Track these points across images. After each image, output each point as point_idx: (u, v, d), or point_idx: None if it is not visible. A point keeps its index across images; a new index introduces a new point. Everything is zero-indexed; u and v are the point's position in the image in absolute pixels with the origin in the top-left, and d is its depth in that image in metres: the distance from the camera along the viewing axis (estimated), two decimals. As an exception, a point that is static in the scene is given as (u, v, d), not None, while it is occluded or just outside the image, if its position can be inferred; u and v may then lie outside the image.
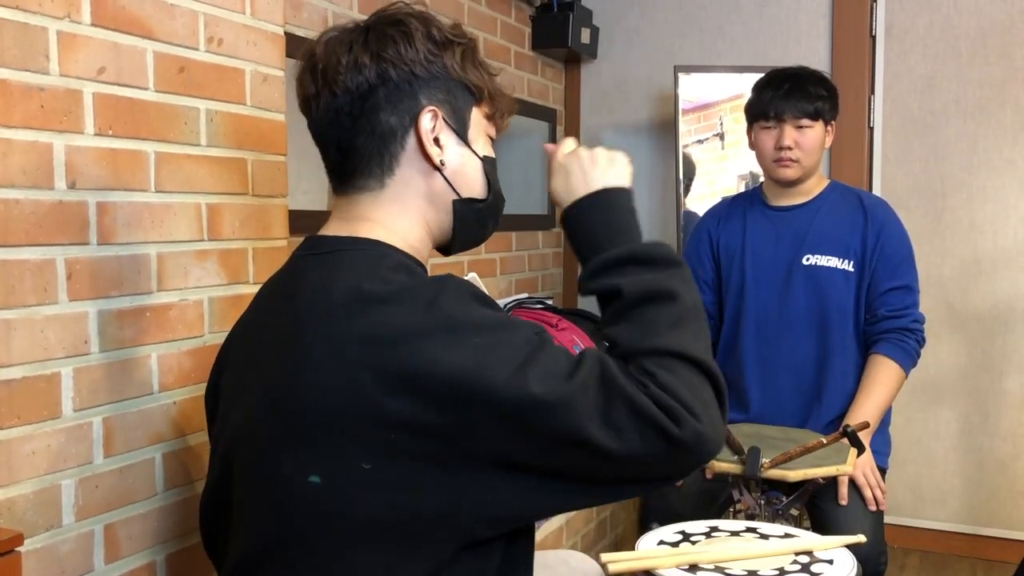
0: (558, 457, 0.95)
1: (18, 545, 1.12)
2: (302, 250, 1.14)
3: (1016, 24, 3.09)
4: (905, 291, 2.16)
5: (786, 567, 1.45)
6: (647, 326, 1.03)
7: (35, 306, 1.28)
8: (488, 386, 0.93)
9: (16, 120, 1.25)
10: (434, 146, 1.10)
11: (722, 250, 2.32)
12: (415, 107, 1.09)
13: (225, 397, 1.16)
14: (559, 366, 0.96)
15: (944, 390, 3.23)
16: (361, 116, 1.09)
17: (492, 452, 0.95)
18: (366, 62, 1.08)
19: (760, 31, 3.40)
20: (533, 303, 2.96)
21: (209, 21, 1.57)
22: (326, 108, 1.10)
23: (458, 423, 0.94)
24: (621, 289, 1.07)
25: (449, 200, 1.14)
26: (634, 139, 3.63)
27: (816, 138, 2.15)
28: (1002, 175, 3.13)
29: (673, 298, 1.06)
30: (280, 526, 1.01)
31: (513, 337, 0.97)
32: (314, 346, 0.99)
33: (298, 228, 2.13)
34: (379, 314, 0.97)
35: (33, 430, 1.28)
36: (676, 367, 1.00)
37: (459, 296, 1.00)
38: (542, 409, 0.93)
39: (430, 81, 1.10)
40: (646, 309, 1.05)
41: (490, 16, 3.14)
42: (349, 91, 1.08)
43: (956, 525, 3.24)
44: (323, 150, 1.14)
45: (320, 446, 0.97)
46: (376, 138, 1.10)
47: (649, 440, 0.94)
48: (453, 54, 1.11)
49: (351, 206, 1.13)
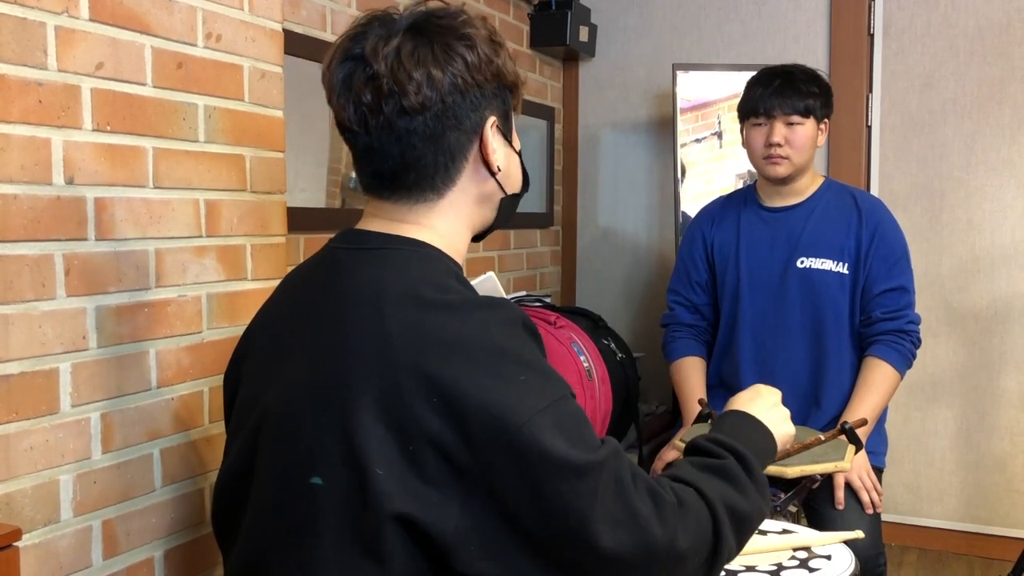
0: (553, 528, 0.94)
1: (16, 540, 1.11)
2: (341, 243, 1.12)
3: (1014, 23, 3.10)
4: (900, 292, 2.16)
5: (784, 562, 1.45)
6: (715, 488, 1.08)
7: (33, 301, 1.28)
8: (520, 426, 0.93)
9: (14, 115, 1.25)
10: (492, 154, 1.11)
11: (716, 252, 2.32)
12: (481, 120, 1.09)
13: (249, 384, 1.15)
14: (589, 436, 0.98)
15: (942, 388, 3.23)
16: (432, 135, 1.06)
17: (503, 496, 0.94)
18: (438, 77, 1.04)
19: (758, 29, 3.41)
20: (531, 301, 2.95)
21: (207, 17, 1.57)
22: (389, 125, 1.05)
23: (481, 454, 0.93)
24: (725, 459, 1.12)
25: (498, 199, 1.16)
26: (632, 137, 3.64)
27: (807, 135, 2.14)
28: (1000, 174, 3.14)
29: (748, 504, 1.10)
30: (298, 519, 1.01)
31: (555, 387, 0.99)
32: (359, 342, 0.99)
33: (296, 225, 2.13)
34: (432, 321, 0.98)
35: (31, 425, 1.28)
36: (704, 513, 1.04)
37: (512, 323, 1.01)
38: (563, 467, 0.93)
39: (488, 90, 1.09)
40: (726, 485, 1.09)
41: (488, 14, 3.14)
42: (424, 108, 1.04)
43: (954, 523, 3.24)
44: (372, 160, 1.09)
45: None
46: (445, 153, 1.08)
47: (636, 538, 0.96)
48: (503, 55, 1.11)
49: (398, 210, 1.11)
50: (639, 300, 3.66)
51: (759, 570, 1.41)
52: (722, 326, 2.30)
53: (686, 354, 2.33)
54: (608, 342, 2.90)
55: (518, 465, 0.93)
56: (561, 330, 2.68)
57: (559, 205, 3.74)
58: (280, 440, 1.05)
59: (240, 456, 1.11)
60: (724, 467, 1.10)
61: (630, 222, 3.67)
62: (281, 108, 1.74)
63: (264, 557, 1.06)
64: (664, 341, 2.41)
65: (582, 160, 3.74)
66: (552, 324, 2.66)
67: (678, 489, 1.04)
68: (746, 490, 1.10)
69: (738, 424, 1.22)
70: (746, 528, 1.10)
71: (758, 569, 1.42)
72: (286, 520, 1.02)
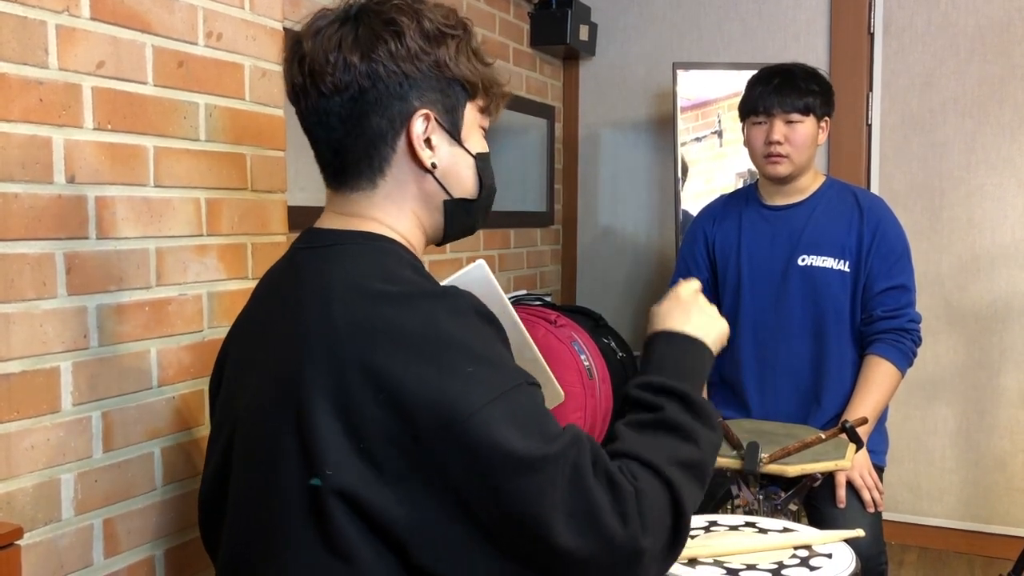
0: (507, 522, 0.92)
1: (17, 539, 1.11)
2: (300, 243, 1.13)
3: (1014, 22, 3.09)
4: (901, 291, 2.15)
5: (785, 561, 1.45)
6: (662, 448, 1.03)
7: (34, 300, 1.28)
8: (466, 418, 0.91)
9: (15, 114, 1.24)
10: (425, 148, 1.08)
11: (718, 250, 2.32)
12: (406, 110, 1.07)
13: (226, 389, 1.16)
14: (547, 426, 0.95)
15: (942, 387, 3.23)
16: (349, 118, 1.06)
17: (455, 490, 0.92)
18: (355, 62, 1.04)
19: (759, 28, 3.40)
20: (532, 300, 2.95)
21: (208, 16, 1.56)
22: (314, 106, 1.07)
23: (431, 448, 0.92)
24: (662, 408, 1.06)
25: (440, 200, 1.12)
26: (632, 136, 3.63)
27: (807, 134, 2.14)
28: (1000, 173, 3.14)
29: (698, 449, 1.06)
30: (269, 520, 1.01)
31: (506, 377, 0.96)
32: (310, 340, 0.99)
33: (297, 224, 2.13)
34: (378, 314, 0.97)
35: (32, 424, 1.28)
36: (661, 493, 1.00)
37: (462, 312, 0.99)
38: (513, 460, 0.91)
39: (422, 81, 1.06)
40: (671, 438, 1.05)
41: (488, 13, 3.14)
42: (338, 91, 1.05)
43: (954, 522, 3.24)
44: (313, 145, 1.12)
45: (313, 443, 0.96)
46: (365, 140, 1.07)
47: (594, 534, 0.93)
48: (447, 48, 1.08)
49: (346, 203, 1.12)
50: (639, 299, 3.66)
51: (760, 568, 1.41)
52: (722, 323, 2.30)
53: (687, 353, 2.33)
54: (608, 341, 2.91)
55: (468, 458, 0.91)
56: (561, 329, 2.68)
57: (559, 204, 3.74)
58: (250, 444, 1.05)
59: (218, 463, 1.12)
60: (664, 419, 1.05)
61: (630, 221, 3.67)
62: (282, 107, 1.74)
63: (244, 563, 1.06)
64: (665, 340, 2.40)
65: (582, 159, 3.74)
66: (552, 323, 2.66)
67: (633, 470, 1.00)
68: (693, 434, 1.06)
69: (665, 352, 1.15)
70: (704, 472, 1.07)
71: (759, 568, 1.42)
72: (260, 524, 1.02)
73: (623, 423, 1.07)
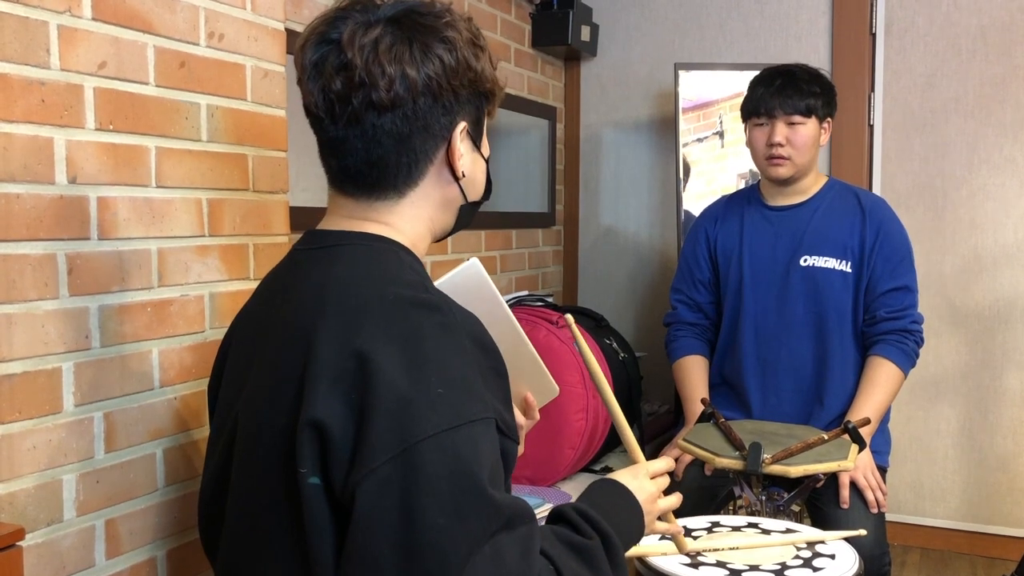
0: (407, 554, 0.88)
1: (19, 540, 1.11)
2: (302, 244, 1.13)
3: (1016, 22, 3.09)
4: (904, 292, 2.15)
5: (788, 561, 1.45)
6: (574, 572, 1.02)
7: (36, 301, 1.27)
8: (418, 442, 0.89)
9: (17, 114, 1.24)
10: (459, 160, 1.09)
11: (719, 251, 2.32)
12: (451, 125, 1.07)
13: (226, 390, 1.16)
14: (492, 472, 0.93)
15: (945, 387, 3.23)
16: (399, 134, 1.04)
17: (373, 503, 0.90)
18: (412, 76, 1.02)
19: (760, 28, 3.40)
20: (533, 301, 2.95)
21: (210, 16, 1.56)
22: (358, 118, 1.03)
23: (375, 456, 0.90)
24: (592, 538, 1.07)
25: (458, 205, 1.14)
26: (634, 137, 3.63)
27: (809, 135, 2.14)
28: (1002, 173, 3.13)
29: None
30: (269, 520, 1.01)
31: (473, 408, 0.94)
32: (301, 345, 0.99)
33: (299, 224, 2.13)
34: (364, 321, 0.96)
35: (34, 425, 1.27)
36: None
37: (449, 329, 0.97)
38: (445, 497, 0.88)
39: (464, 95, 1.07)
40: (587, 572, 1.04)
41: (490, 13, 3.14)
42: (392, 107, 1.02)
43: (956, 522, 3.24)
44: (339, 154, 1.07)
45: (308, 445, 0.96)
46: (410, 155, 1.06)
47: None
48: (482, 61, 1.08)
49: (359, 207, 1.10)
50: (641, 299, 3.66)
51: (763, 569, 1.41)
52: (725, 325, 2.30)
53: (688, 353, 2.33)
54: (610, 341, 2.90)
55: (401, 478, 0.89)
56: (563, 330, 2.67)
57: (561, 204, 3.74)
58: (250, 444, 1.05)
59: (219, 464, 1.12)
60: (588, 549, 1.05)
61: (632, 221, 3.67)
62: (283, 107, 1.74)
63: (244, 563, 1.06)
64: (667, 340, 2.41)
65: (584, 159, 3.74)
66: (554, 324, 2.65)
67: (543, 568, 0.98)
68: (601, 570, 1.05)
69: (611, 498, 1.18)
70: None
71: (762, 568, 1.41)
72: (260, 525, 1.02)
73: (551, 529, 1.07)
